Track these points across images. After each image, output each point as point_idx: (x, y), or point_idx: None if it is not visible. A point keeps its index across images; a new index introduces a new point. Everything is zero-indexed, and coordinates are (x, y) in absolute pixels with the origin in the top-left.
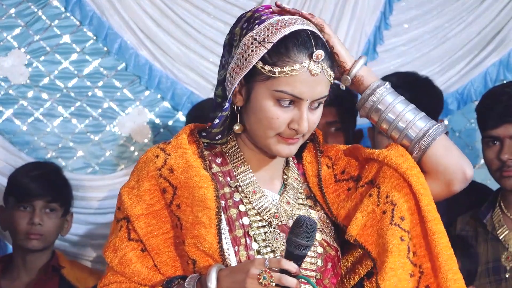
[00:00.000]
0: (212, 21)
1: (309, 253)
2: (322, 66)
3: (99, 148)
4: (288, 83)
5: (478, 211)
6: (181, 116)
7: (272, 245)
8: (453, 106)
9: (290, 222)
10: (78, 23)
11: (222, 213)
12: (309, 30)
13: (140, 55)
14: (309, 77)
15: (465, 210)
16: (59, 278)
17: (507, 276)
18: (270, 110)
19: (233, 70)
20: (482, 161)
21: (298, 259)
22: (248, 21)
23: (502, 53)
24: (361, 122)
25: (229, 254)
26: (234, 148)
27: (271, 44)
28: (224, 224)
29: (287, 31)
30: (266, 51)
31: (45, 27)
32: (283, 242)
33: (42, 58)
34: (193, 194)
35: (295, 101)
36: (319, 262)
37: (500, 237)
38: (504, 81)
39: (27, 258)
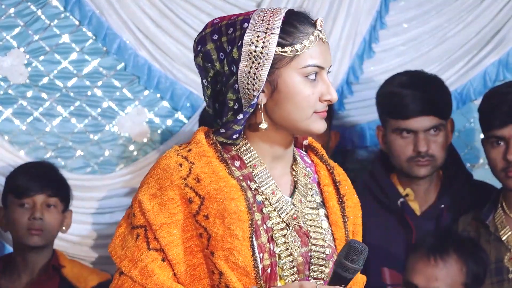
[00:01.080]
0: None
1: (319, 255)
2: (324, 34)
3: (98, 148)
4: (311, 56)
5: (480, 212)
6: (180, 116)
7: (291, 248)
8: (453, 105)
9: (302, 222)
10: (77, 23)
11: (240, 219)
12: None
13: (139, 55)
14: (322, 45)
15: (470, 209)
16: (60, 278)
17: (510, 277)
18: (304, 89)
19: (251, 67)
20: (482, 160)
21: (346, 283)
22: (218, 32)
23: (501, 53)
24: (338, 123)
25: (255, 261)
26: (246, 147)
27: (279, 28)
28: (249, 230)
29: (282, 13)
30: (277, 36)
31: (44, 27)
32: (299, 245)
33: (42, 57)
34: (225, 206)
35: (317, 73)
36: (330, 264)
37: (503, 238)
38: (504, 81)
39: (27, 257)
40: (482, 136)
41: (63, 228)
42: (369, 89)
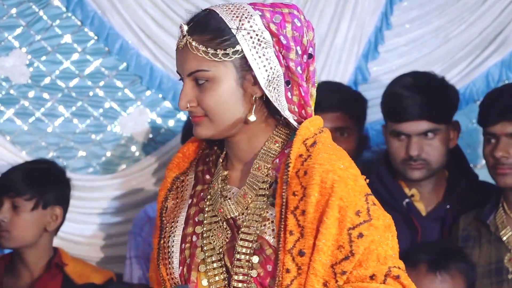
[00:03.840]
0: None
1: (245, 250)
2: (188, 40)
3: (100, 148)
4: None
5: (481, 212)
6: (182, 116)
7: (214, 242)
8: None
9: (236, 216)
10: (79, 23)
11: (182, 211)
12: (209, 9)
13: (141, 55)
14: (178, 51)
15: (472, 209)
16: (63, 276)
17: (509, 277)
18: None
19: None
20: (484, 161)
21: None
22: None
23: (504, 53)
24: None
25: (173, 252)
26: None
27: None
28: (181, 221)
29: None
30: None
31: (46, 27)
32: (226, 238)
33: (43, 58)
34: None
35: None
36: (257, 259)
37: (503, 239)
38: (506, 81)
39: (25, 257)
40: None
41: (48, 226)
42: (371, 90)
